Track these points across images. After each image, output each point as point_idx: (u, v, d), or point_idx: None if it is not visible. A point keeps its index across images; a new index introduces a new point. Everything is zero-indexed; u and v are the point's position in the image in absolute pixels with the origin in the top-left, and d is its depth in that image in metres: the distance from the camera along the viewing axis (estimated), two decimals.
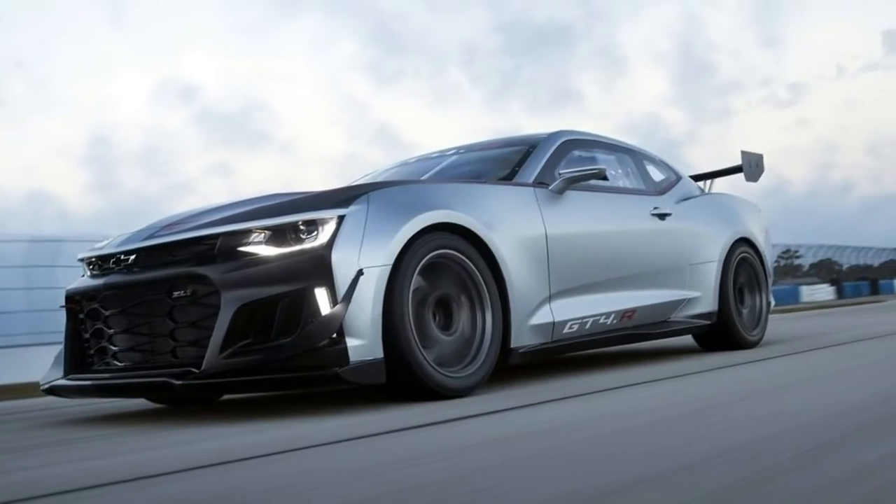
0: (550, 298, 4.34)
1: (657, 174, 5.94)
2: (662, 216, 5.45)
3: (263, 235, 3.56)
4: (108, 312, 3.87)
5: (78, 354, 4.05)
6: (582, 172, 4.62)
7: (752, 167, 6.73)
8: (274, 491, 2.03)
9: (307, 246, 3.49)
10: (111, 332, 3.86)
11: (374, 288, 3.46)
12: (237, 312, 3.44)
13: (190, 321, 3.59)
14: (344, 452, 2.58)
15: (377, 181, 4.86)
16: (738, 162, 6.71)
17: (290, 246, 3.51)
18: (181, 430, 3.41)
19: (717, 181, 6.90)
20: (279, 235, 3.54)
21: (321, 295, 3.41)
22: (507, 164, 4.85)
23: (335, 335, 3.37)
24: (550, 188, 4.60)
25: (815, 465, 1.95)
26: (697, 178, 6.79)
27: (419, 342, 3.61)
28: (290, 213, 3.59)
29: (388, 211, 3.66)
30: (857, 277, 55.20)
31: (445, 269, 3.86)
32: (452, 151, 5.49)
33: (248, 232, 3.58)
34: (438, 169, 5.16)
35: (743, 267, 6.02)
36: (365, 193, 3.69)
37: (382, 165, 6.00)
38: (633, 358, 5.75)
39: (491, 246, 3.98)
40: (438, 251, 3.78)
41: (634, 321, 5.01)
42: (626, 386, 3.98)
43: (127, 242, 3.93)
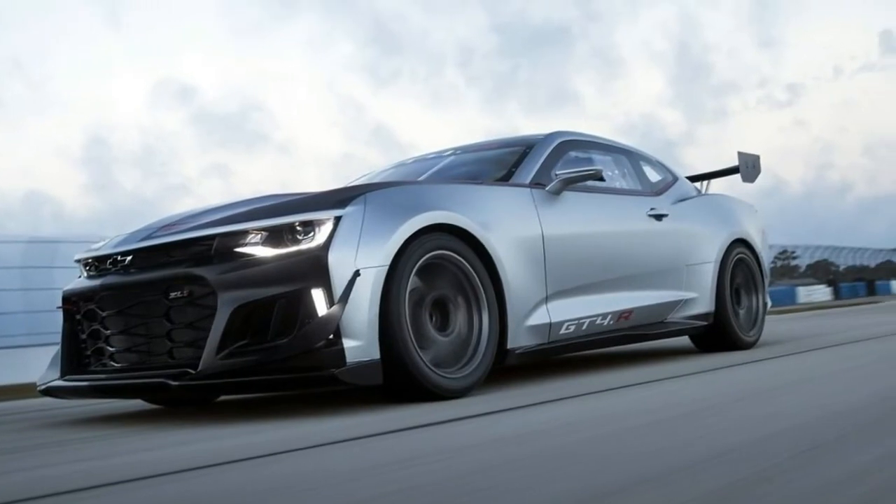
0: (547, 299, 4.34)
1: (654, 175, 5.94)
2: (659, 217, 5.45)
3: (260, 236, 3.55)
4: (104, 313, 3.86)
5: (75, 355, 4.04)
6: (578, 173, 4.62)
7: (748, 168, 6.74)
8: (271, 492, 2.03)
9: (304, 247, 3.49)
10: (108, 332, 3.86)
11: (370, 289, 3.46)
12: (234, 313, 3.43)
13: (187, 322, 3.59)
14: (341, 453, 2.58)
15: (374, 182, 4.86)
16: (734, 163, 6.72)
17: (286, 247, 3.51)
18: (178, 431, 3.41)
19: (713, 182, 6.91)
20: (276, 236, 3.54)
21: (318, 296, 3.41)
22: (503, 164, 4.85)
23: (332, 336, 3.37)
24: (547, 189, 4.60)
25: (812, 465, 1.96)
26: (694, 178, 6.80)
27: (416, 343, 3.61)
28: (286, 213, 3.59)
29: (384, 212, 3.66)
30: (853, 278, 55.29)
31: (442, 269, 3.86)
32: (449, 152, 5.49)
33: (244, 233, 3.58)
34: (435, 170, 5.16)
35: (739, 268, 6.02)
36: (362, 194, 3.69)
37: (379, 166, 6.00)
38: (629, 359, 5.75)
39: (487, 247, 3.98)
40: (435, 252, 3.78)
41: (631, 322, 5.01)
42: (623, 387, 3.98)
43: (124, 243, 3.93)
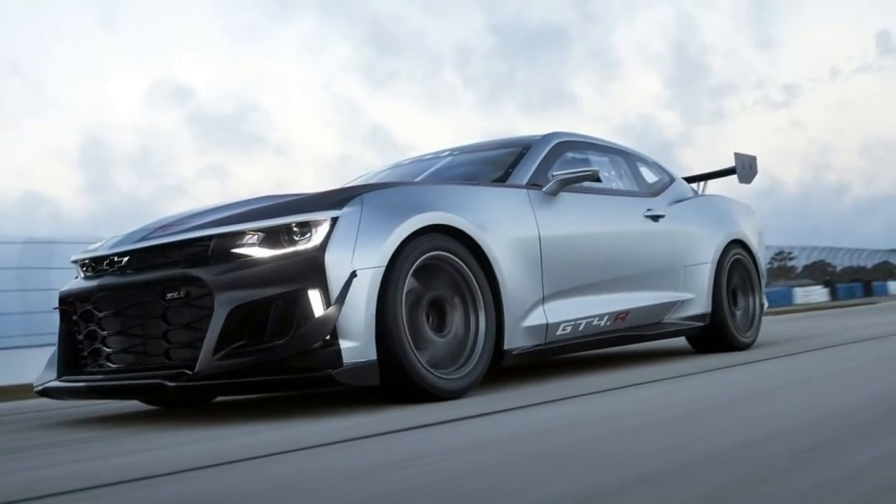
0: (544, 300, 4.34)
1: (650, 176, 5.94)
2: (656, 218, 5.45)
3: (257, 237, 3.55)
4: (101, 314, 3.86)
5: (71, 356, 4.04)
6: (575, 174, 4.62)
7: (745, 169, 6.75)
8: (269, 492, 2.03)
9: (301, 248, 3.49)
10: (105, 333, 3.85)
11: (367, 290, 3.46)
12: (231, 314, 3.43)
13: (183, 323, 3.59)
14: (338, 454, 2.57)
15: (371, 183, 4.85)
16: (731, 164, 6.73)
17: (283, 248, 3.51)
18: (175, 431, 3.40)
19: (710, 183, 6.92)
20: (273, 237, 3.54)
21: (315, 297, 3.41)
22: (500, 165, 4.85)
23: (329, 337, 3.37)
24: (544, 190, 4.60)
25: (809, 466, 1.96)
26: (691, 179, 6.81)
27: (413, 344, 3.60)
28: (283, 214, 3.59)
29: (381, 213, 3.66)
30: (850, 279, 55.39)
31: (439, 270, 3.86)
32: (446, 153, 5.49)
33: (241, 234, 3.57)
34: (432, 171, 5.16)
35: (736, 269, 6.03)
36: (358, 195, 3.69)
37: (376, 167, 6.00)
38: (626, 359, 5.75)
39: (484, 248, 3.98)
40: (432, 253, 3.78)
41: (628, 323, 5.01)
42: (620, 387, 3.98)
43: (120, 244, 3.92)
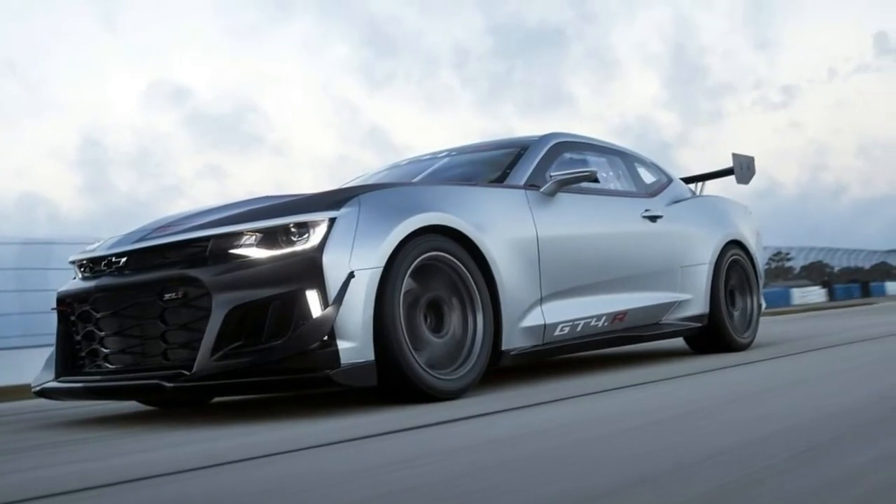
0: (541, 301, 4.34)
1: (648, 176, 5.95)
2: (653, 218, 5.46)
3: (255, 238, 3.55)
4: (99, 315, 3.86)
5: (69, 357, 4.04)
6: (573, 175, 4.62)
7: (743, 169, 6.75)
8: (267, 493, 2.03)
9: (298, 248, 3.49)
10: (102, 334, 3.85)
11: (365, 290, 3.46)
12: (228, 315, 3.43)
13: (181, 323, 3.59)
14: (336, 455, 2.58)
15: (368, 184, 4.86)
16: (729, 164, 6.74)
17: (281, 248, 3.51)
18: (173, 432, 3.40)
19: (708, 183, 6.92)
20: (270, 238, 3.54)
21: (312, 297, 3.40)
22: (498, 166, 4.86)
23: (326, 337, 3.37)
24: (542, 190, 4.60)
25: (806, 467, 1.96)
26: (688, 180, 6.81)
27: (410, 344, 3.61)
28: (281, 215, 3.59)
29: (379, 213, 3.66)
30: (848, 280, 55.39)
31: (437, 271, 3.86)
32: (444, 154, 5.49)
33: (239, 234, 3.57)
34: (430, 171, 5.16)
35: (734, 269, 6.03)
36: (356, 196, 3.69)
37: (374, 168, 6.00)
38: (624, 360, 5.75)
39: (482, 248, 3.98)
40: (429, 253, 3.78)
41: (625, 323, 5.02)
42: (617, 388, 3.98)
43: (118, 245, 3.92)
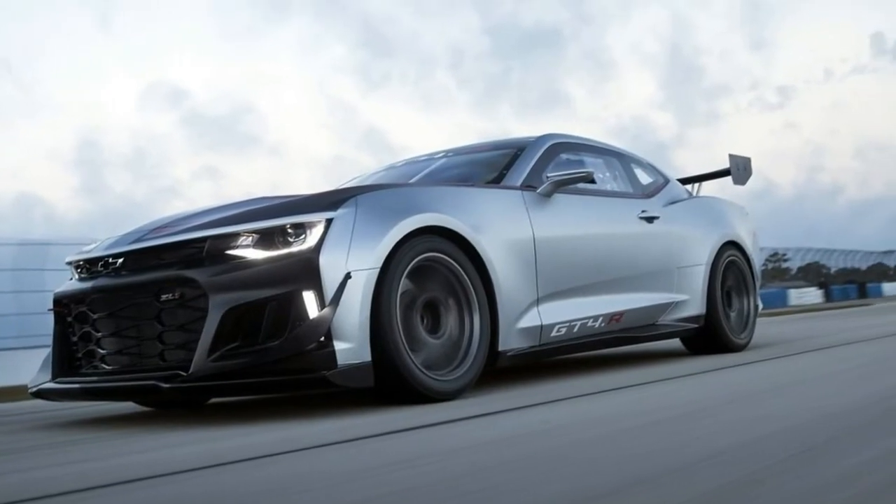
0: (538, 301, 4.34)
1: (645, 177, 5.95)
2: (650, 219, 5.46)
3: (252, 238, 3.55)
4: (95, 316, 3.85)
5: (66, 358, 4.03)
6: (570, 175, 4.62)
7: (739, 170, 6.76)
8: (265, 493, 2.02)
9: (295, 249, 3.49)
10: (99, 335, 3.85)
11: (361, 291, 3.46)
12: (225, 315, 3.43)
13: (178, 324, 3.58)
14: (334, 455, 2.57)
15: (365, 184, 4.85)
16: (725, 165, 6.74)
17: (278, 249, 3.51)
18: (169, 433, 3.40)
19: (704, 184, 6.93)
20: (267, 239, 3.54)
21: (309, 298, 3.40)
22: (495, 167, 4.86)
23: (323, 338, 3.37)
24: (538, 191, 4.60)
25: (803, 467, 1.96)
26: (685, 181, 6.82)
27: (407, 345, 3.60)
28: (278, 216, 3.59)
29: (376, 214, 3.66)
30: (844, 281, 55.51)
31: (433, 272, 3.86)
32: (440, 155, 5.49)
33: (236, 235, 3.57)
34: (426, 172, 5.16)
35: (731, 270, 6.03)
36: (353, 197, 3.69)
37: (370, 169, 6.00)
38: (621, 361, 5.76)
39: (479, 249, 3.98)
40: (426, 254, 3.78)
41: (622, 324, 5.02)
42: (615, 389, 3.99)
43: (115, 245, 3.92)
